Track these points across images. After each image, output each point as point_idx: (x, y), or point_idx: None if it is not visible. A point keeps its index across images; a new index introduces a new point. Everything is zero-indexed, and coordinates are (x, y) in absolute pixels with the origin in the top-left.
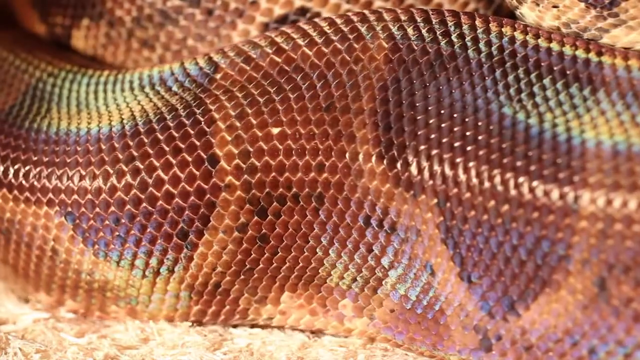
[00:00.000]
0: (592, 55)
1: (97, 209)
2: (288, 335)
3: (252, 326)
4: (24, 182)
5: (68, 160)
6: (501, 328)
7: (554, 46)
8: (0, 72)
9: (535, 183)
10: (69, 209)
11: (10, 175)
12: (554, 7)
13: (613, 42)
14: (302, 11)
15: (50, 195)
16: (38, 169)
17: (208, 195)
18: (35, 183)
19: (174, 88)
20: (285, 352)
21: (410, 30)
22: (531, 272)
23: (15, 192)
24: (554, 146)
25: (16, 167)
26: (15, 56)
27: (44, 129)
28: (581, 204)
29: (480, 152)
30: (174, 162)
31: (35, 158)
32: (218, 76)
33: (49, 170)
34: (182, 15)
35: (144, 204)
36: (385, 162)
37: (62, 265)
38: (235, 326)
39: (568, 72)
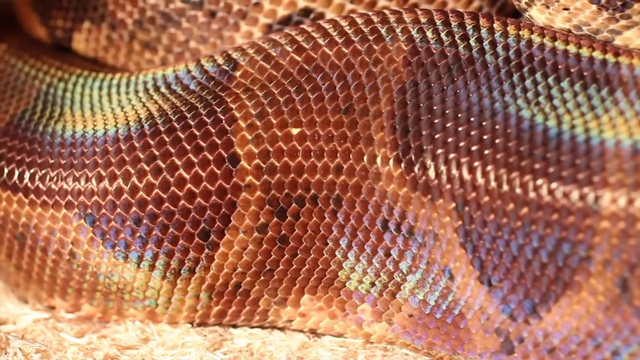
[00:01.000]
0: (609, 56)
1: (118, 210)
2: (288, 335)
3: (252, 326)
4: (40, 185)
5: (86, 162)
6: (523, 331)
7: (571, 48)
8: (11, 79)
9: (554, 184)
10: (89, 211)
11: (26, 179)
12: (565, 9)
13: (625, 44)
14: (306, 12)
15: (69, 197)
16: (55, 172)
17: (229, 195)
18: (53, 186)
19: (192, 86)
20: (285, 352)
21: (429, 34)
22: (552, 274)
23: (32, 196)
24: (573, 147)
25: (32, 171)
26: (24, 63)
27: (59, 132)
28: (602, 204)
29: (498, 155)
30: (195, 160)
31: (52, 161)
32: (237, 74)
33: (67, 172)
34: (184, 18)
35: (166, 204)
36: (402, 165)
37: (80, 269)
38: (235, 326)
39: (585, 74)
